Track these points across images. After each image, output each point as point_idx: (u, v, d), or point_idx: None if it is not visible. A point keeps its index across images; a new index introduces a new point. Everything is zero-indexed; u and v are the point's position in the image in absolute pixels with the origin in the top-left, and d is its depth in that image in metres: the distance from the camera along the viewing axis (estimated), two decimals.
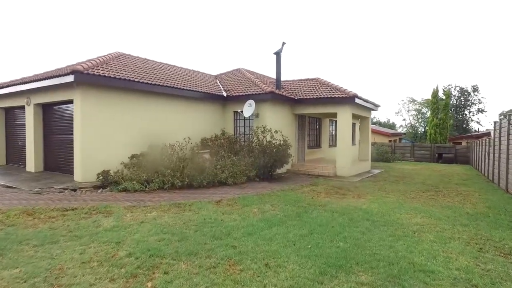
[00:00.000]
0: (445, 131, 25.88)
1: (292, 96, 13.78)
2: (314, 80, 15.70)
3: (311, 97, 13.55)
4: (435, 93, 26.35)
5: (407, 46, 77.74)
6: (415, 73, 77.02)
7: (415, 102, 45.83)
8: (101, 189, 8.33)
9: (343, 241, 4.52)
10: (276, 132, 11.64)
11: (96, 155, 9.05)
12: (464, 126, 47.19)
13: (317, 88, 14.47)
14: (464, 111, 47.66)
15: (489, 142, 13.45)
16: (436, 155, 23.42)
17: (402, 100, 45.61)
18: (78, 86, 8.77)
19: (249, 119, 13.26)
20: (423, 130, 45.99)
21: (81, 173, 8.90)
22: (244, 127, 13.48)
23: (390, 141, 29.66)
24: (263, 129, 11.64)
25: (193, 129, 11.97)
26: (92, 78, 8.79)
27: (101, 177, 8.68)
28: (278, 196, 7.97)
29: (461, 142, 30.74)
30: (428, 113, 48.02)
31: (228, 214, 5.93)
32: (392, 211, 6.58)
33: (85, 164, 8.90)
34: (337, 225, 5.30)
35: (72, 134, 9.12)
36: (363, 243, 4.49)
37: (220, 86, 14.86)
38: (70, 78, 8.47)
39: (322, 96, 13.23)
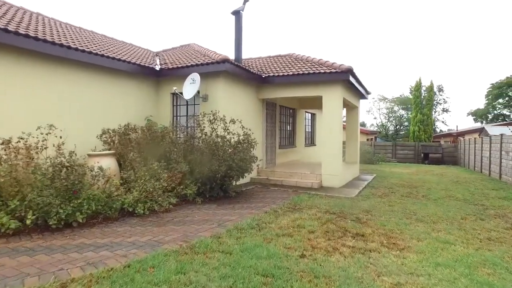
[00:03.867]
0: (429, 128, 23.14)
1: (258, 73, 9.53)
2: (287, 56, 11.54)
3: (286, 73, 9.38)
4: (418, 86, 23.48)
5: (378, 44, 77.71)
6: (383, 72, 76.87)
7: (386, 100, 44.05)
8: None
9: None
10: (233, 122, 7.27)
11: None
12: None
13: (293, 64, 10.31)
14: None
15: None
16: (422, 155, 20.54)
17: (373, 98, 43.60)
18: None
19: (194, 104, 8.76)
20: (393, 128, 44.35)
21: None
22: (187, 116, 8.95)
23: (367, 140, 26.66)
24: (212, 117, 7.24)
25: (103, 119, 7.21)
26: None
27: None
28: (225, 254, 3.56)
29: (439, 141, 28.68)
30: (400, 112, 46.82)
31: None
32: None
33: None
34: None
35: None
36: None
37: (157, 61, 10.15)
38: None
39: (301, 73, 9.10)
